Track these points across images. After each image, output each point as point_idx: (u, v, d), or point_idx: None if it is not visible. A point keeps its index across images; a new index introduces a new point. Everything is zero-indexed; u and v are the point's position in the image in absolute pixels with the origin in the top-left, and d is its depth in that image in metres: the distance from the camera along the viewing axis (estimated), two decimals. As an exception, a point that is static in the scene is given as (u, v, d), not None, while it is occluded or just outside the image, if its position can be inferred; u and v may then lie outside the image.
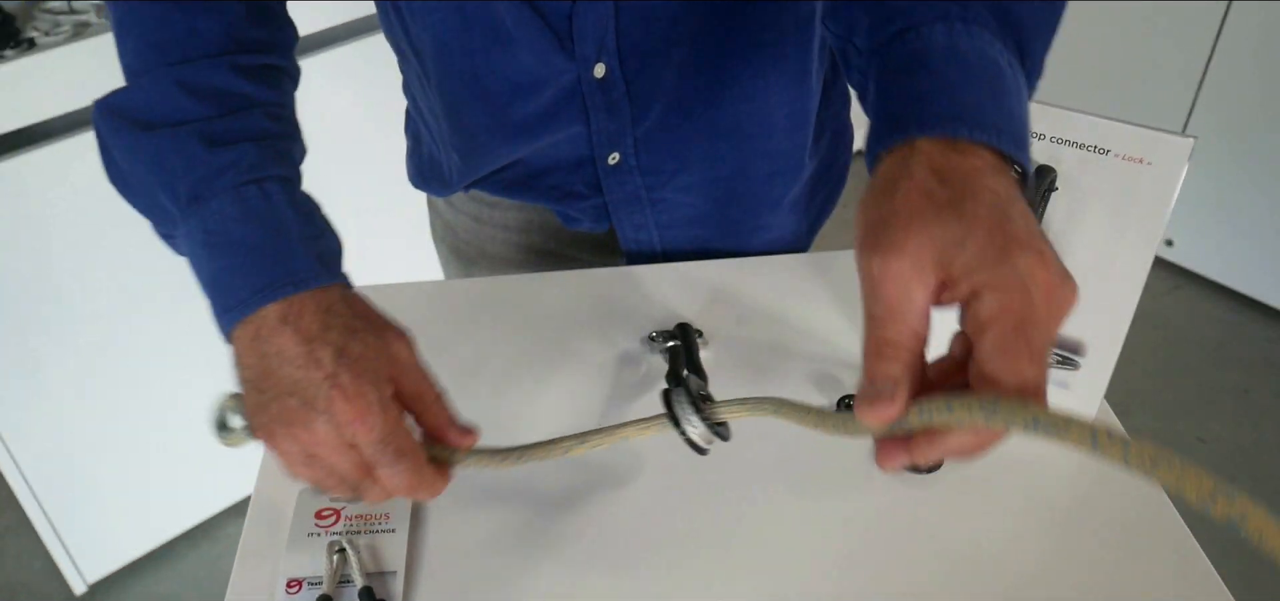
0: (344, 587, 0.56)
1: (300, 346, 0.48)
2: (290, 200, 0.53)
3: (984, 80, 0.45)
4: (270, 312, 0.48)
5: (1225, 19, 1.98)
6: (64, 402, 1.43)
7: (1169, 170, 0.56)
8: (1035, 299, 0.38)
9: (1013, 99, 0.45)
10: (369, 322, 0.50)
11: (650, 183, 0.80)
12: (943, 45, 0.46)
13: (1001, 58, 0.46)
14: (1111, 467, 0.37)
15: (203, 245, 0.52)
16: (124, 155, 0.55)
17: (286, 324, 0.48)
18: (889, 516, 0.61)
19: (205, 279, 0.52)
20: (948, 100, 0.43)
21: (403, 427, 0.49)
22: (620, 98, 0.74)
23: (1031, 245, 0.39)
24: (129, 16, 0.56)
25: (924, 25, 0.46)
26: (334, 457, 0.48)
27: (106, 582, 1.66)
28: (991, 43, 0.46)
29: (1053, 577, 0.57)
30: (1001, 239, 0.38)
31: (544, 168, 0.81)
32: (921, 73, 0.45)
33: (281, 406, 0.48)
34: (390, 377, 0.49)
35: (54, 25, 1.27)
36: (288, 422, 0.47)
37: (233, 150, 0.52)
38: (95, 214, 1.34)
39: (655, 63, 0.73)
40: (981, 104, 0.43)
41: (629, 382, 0.71)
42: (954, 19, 0.46)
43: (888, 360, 0.40)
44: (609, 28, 0.69)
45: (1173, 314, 2.22)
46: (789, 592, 0.56)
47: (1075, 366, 0.63)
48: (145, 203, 0.55)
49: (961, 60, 0.45)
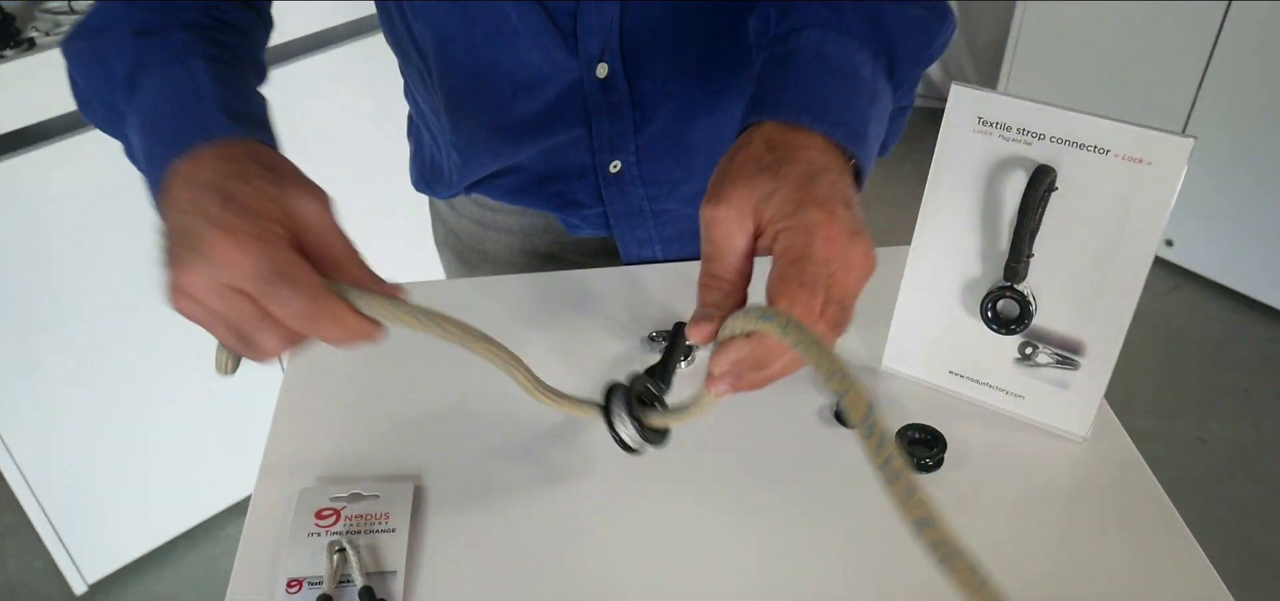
0: (344, 587, 0.56)
1: (190, 193, 0.46)
2: (213, 75, 0.53)
3: (838, 82, 0.53)
4: (179, 168, 0.47)
5: (1225, 19, 1.99)
6: (64, 402, 1.43)
7: (1169, 170, 0.56)
8: (815, 243, 0.45)
9: (862, 101, 0.53)
10: (273, 172, 0.47)
11: (652, 193, 0.80)
12: (813, 49, 0.54)
13: (866, 67, 0.55)
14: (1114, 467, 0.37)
15: (138, 130, 0.52)
16: (81, 73, 0.57)
17: (184, 176, 0.47)
18: (888, 516, 0.61)
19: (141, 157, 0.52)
20: (799, 93, 0.52)
21: (295, 260, 0.44)
22: (622, 100, 0.74)
23: (825, 204, 0.46)
24: None
25: (805, 30, 0.55)
26: (218, 303, 0.44)
27: (106, 582, 1.66)
28: (858, 52, 0.55)
29: (1053, 577, 0.57)
30: (801, 196, 0.46)
31: (547, 175, 0.81)
32: (789, 68, 0.53)
33: (171, 256, 0.45)
34: (288, 229, 0.45)
35: (54, 25, 1.27)
36: (174, 270, 0.44)
37: (161, 36, 0.54)
38: (95, 214, 1.34)
39: (658, 65, 0.73)
40: (829, 101, 0.51)
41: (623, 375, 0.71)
42: (830, 28, 0.55)
43: (712, 290, 0.48)
44: (613, 27, 0.69)
45: (1173, 314, 2.22)
46: (789, 593, 0.56)
47: (1075, 366, 0.63)
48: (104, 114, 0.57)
49: (824, 63, 0.53)
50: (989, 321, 0.65)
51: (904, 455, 0.42)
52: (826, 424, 0.67)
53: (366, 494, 0.61)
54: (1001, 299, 0.64)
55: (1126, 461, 0.64)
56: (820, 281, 0.45)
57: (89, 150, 1.30)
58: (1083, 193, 0.59)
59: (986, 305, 0.64)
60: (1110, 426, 0.66)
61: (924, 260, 0.67)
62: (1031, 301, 0.63)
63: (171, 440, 1.59)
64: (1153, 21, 2.11)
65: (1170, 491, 0.62)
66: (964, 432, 0.66)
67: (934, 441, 0.64)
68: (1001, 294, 0.63)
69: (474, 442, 0.66)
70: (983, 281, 0.65)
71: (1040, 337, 0.64)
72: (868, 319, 0.75)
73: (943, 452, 0.64)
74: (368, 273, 0.48)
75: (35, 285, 1.33)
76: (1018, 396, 0.66)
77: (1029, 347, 0.65)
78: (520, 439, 0.67)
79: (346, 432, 0.67)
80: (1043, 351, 0.64)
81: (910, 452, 0.64)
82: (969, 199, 0.63)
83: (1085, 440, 0.65)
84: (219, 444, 1.66)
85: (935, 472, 0.63)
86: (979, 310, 0.65)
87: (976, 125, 0.61)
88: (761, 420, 0.68)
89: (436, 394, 0.70)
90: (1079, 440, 0.65)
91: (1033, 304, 0.63)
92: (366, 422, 0.68)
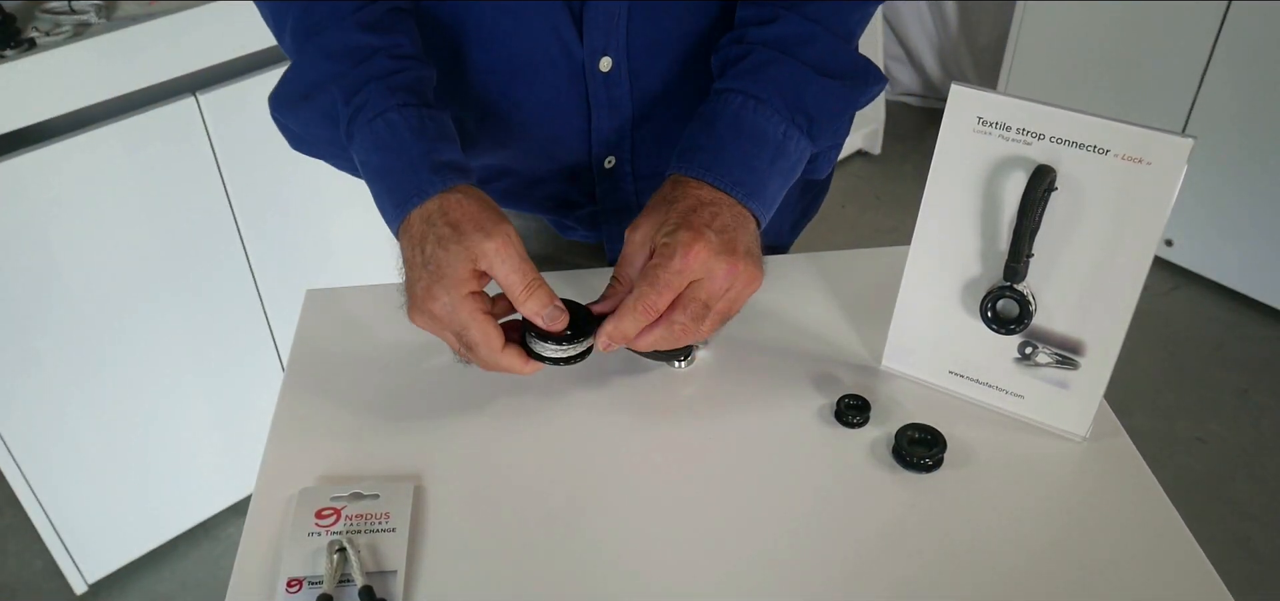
0: (344, 587, 0.56)
1: (409, 252, 0.62)
2: (408, 124, 0.64)
3: (745, 146, 0.66)
4: (407, 221, 0.62)
5: (1225, 19, 1.99)
6: (64, 402, 1.43)
7: (1169, 170, 0.56)
8: (675, 256, 0.60)
9: (764, 161, 0.66)
10: (456, 229, 0.60)
11: (642, 188, 0.81)
12: (732, 113, 0.67)
13: (777, 131, 0.67)
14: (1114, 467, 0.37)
15: (362, 171, 0.66)
16: (301, 126, 0.70)
17: (407, 231, 0.62)
18: (888, 516, 0.61)
19: (372, 197, 0.66)
20: (710, 156, 0.66)
21: (477, 318, 0.60)
22: (623, 96, 0.74)
23: (696, 228, 0.61)
24: (283, 13, 0.69)
25: (731, 93, 0.67)
26: (439, 332, 0.62)
27: (107, 582, 1.66)
28: (771, 118, 0.67)
29: (1052, 577, 0.57)
30: (679, 221, 0.62)
31: (540, 177, 0.81)
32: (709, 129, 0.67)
33: (408, 293, 0.63)
34: (473, 274, 0.60)
35: (54, 25, 1.27)
36: (409, 304, 0.63)
37: (362, 94, 0.65)
38: (95, 214, 1.34)
39: (660, 61, 0.73)
40: (732, 161, 0.65)
41: (626, 379, 0.71)
42: (750, 97, 0.67)
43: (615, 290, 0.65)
44: (621, 21, 0.70)
45: (1173, 314, 2.22)
46: (789, 592, 0.56)
47: (1075, 366, 0.63)
48: (332, 154, 0.71)
49: (737, 128, 0.66)
50: (989, 321, 0.65)
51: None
52: (826, 424, 0.67)
53: (366, 493, 0.61)
54: (1001, 299, 0.64)
55: (1126, 461, 0.64)
56: (671, 284, 0.60)
57: (89, 150, 1.30)
58: (1082, 193, 0.59)
59: (986, 305, 0.64)
60: (1110, 426, 0.66)
61: (924, 260, 0.67)
62: (1031, 301, 0.63)
63: (171, 440, 1.59)
64: (1153, 21, 2.11)
65: (1170, 491, 0.62)
66: (964, 432, 0.66)
67: (934, 441, 0.64)
68: (1001, 294, 0.63)
69: (474, 442, 0.66)
70: (983, 281, 0.65)
71: (1040, 337, 0.64)
72: (868, 319, 0.75)
73: (943, 452, 0.64)
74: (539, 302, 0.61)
75: (36, 285, 1.33)
76: (1017, 396, 0.66)
77: (1029, 347, 0.65)
78: (520, 439, 0.67)
79: (346, 432, 0.67)
80: (1042, 351, 0.64)
81: (910, 452, 0.64)
82: (969, 199, 0.63)
83: (1085, 440, 0.65)
84: (219, 444, 1.66)
85: (935, 472, 0.63)
86: (979, 310, 0.65)
87: (976, 125, 0.61)
88: (761, 420, 0.68)
89: (436, 394, 0.70)
90: (1079, 440, 0.65)
91: (1032, 304, 0.63)
92: (366, 422, 0.68)
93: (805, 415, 0.68)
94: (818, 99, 0.69)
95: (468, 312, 0.60)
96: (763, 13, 0.69)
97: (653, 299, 0.61)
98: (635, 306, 0.61)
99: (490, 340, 0.61)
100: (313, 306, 0.80)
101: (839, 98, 0.70)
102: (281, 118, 0.71)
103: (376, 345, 0.75)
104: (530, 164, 0.80)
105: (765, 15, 0.69)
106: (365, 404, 0.70)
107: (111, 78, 1.29)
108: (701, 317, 0.62)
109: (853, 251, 0.84)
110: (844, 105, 0.71)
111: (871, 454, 0.65)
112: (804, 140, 0.69)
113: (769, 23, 0.69)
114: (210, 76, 1.38)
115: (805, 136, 0.69)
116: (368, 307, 0.79)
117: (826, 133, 0.71)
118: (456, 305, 0.60)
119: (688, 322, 0.62)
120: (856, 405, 0.67)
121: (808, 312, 0.77)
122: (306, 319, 0.79)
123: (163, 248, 1.42)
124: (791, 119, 0.67)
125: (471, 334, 0.61)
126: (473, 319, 0.60)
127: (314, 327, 0.78)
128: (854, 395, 0.68)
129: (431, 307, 0.60)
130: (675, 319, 0.62)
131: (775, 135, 0.67)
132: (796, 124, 0.68)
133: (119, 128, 1.31)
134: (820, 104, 0.69)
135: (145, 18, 1.29)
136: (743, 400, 0.69)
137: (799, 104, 0.68)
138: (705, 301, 0.62)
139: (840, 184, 2.65)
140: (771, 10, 0.69)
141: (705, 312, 0.62)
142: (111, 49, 1.27)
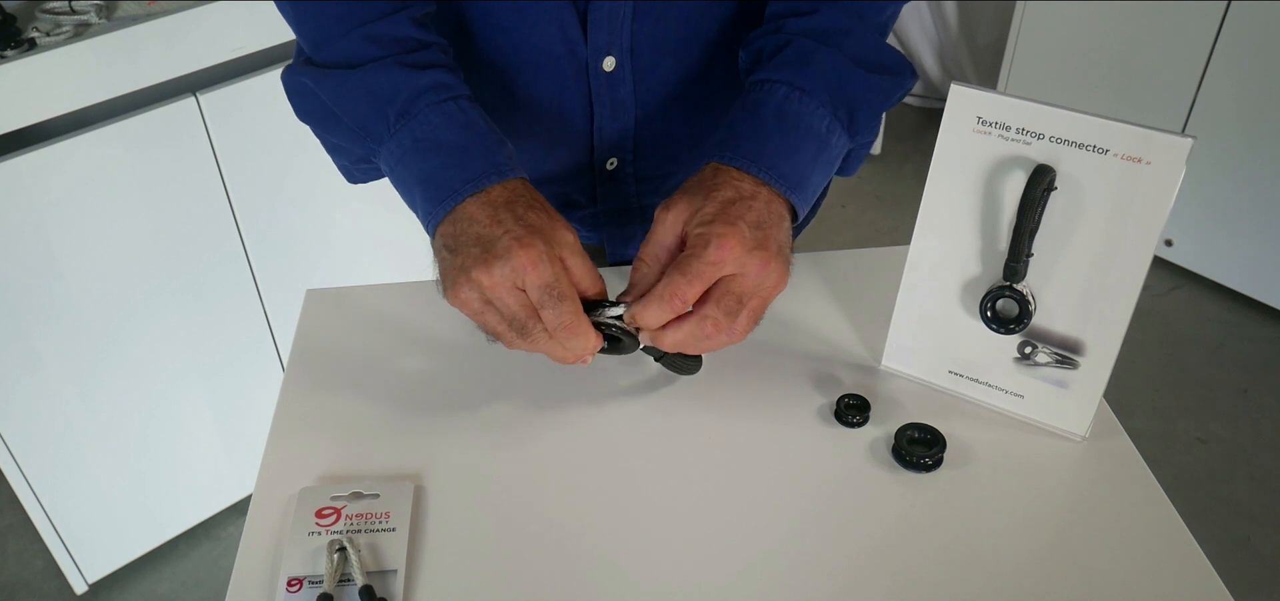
0: (344, 586, 0.56)
1: (487, 212, 0.60)
2: (479, 113, 0.64)
3: (789, 138, 0.64)
4: (474, 199, 0.60)
5: (1225, 19, 1.99)
6: (64, 402, 1.44)
7: (1168, 170, 0.56)
8: (710, 247, 0.58)
9: (807, 155, 0.65)
10: (545, 209, 0.61)
11: (644, 190, 0.81)
12: (777, 104, 0.65)
13: (822, 123, 0.66)
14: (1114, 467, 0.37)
15: (412, 151, 0.63)
16: (332, 93, 0.65)
17: (478, 200, 0.60)
18: (888, 516, 0.61)
19: (416, 177, 0.63)
20: (754, 144, 0.64)
21: (566, 279, 0.59)
22: (627, 97, 0.74)
23: (732, 221, 0.59)
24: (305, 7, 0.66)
25: (775, 84, 0.66)
26: (507, 298, 0.58)
27: (107, 582, 1.66)
28: (816, 110, 0.65)
29: (1052, 577, 0.57)
30: (717, 213, 0.60)
31: (542, 177, 0.81)
32: (754, 119, 0.65)
33: (465, 256, 0.58)
34: (567, 240, 0.59)
35: (55, 25, 1.27)
36: (469, 269, 0.58)
37: (430, 74, 0.64)
38: (95, 214, 1.34)
39: (665, 63, 0.73)
40: (777, 154, 0.64)
41: (626, 379, 0.71)
42: (795, 87, 0.65)
43: (641, 267, 0.62)
44: (624, 22, 0.70)
45: (1173, 314, 2.22)
46: (789, 592, 0.56)
47: (1075, 366, 0.63)
48: (352, 128, 0.66)
49: (781, 118, 0.65)
50: (988, 321, 0.65)
51: None
52: (826, 423, 0.67)
53: (366, 493, 0.61)
54: (1001, 298, 0.64)
55: (1126, 461, 0.64)
56: (702, 276, 0.58)
57: (89, 150, 1.30)
58: (1082, 192, 0.59)
59: (986, 305, 0.64)
60: (1110, 426, 0.66)
61: (924, 260, 0.67)
62: (1031, 301, 0.63)
63: (171, 440, 1.59)
64: (1153, 21, 2.11)
65: (1170, 491, 0.62)
66: (964, 432, 0.66)
67: (934, 441, 0.64)
68: (1001, 293, 0.63)
69: (474, 442, 0.66)
70: (982, 281, 0.65)
71: (1040, 337, 0.64)
72: (868, 319, 0.75)
73: (942, 452, 0.64)
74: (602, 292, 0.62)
75: (36, 285, 1.33)
76: (1017, 396, 0.66)
77: (1028, 347, 0.65)
78: (520, 439, 0.67)
79: (346, 432, 0.67)
80: (1042, 351, 0.64)
81: (910, 452, 0.64)
82: (969, 199, 0.63)
83: (1085, 440, 0.65)
84: (219, 444, 1.66)
85: (935, 472, 0.63)
86: (979, 310, 0.65)
87: (976, 125, 0.61)
88: (761, 420, 0.68)
89: (436, 394, 0.70)
90: (1079, 440, 0.65)
91: (1032, 303, 0.63)
92: (366, 422, 0.68)
93: (805, 415, 0.68)
94: (861, 92, 0.67)
95: (561, 268, 0.58)
96: (801, 5, 0.68)
97: (683, 288, 0.58)
98: (663, 294, 0.59)
99: (577, 306, 0.59)
100: (313, 306, 0.80)
101: (879, 92, 0.69)
102: (313, 83, 0.66)
103: (377, 345, 0.75)
104: (531, 163, 0.80)
105: (804, 7, 0.68)
106: (365, 404, 0.70)
107: (111, 78, 1.29)
108: (735, 313, 0.60)
109: (853, 251, 0.84)
110: (883, 100, 0.70)
111: (871, 454, 0.65)
112: (844, 135, 0.68)
113: (809, 14, 0.68)
114: (210, 76, 1.38)
115: (846, 131, 0.68)
116: (368, 307, 0.79)
117: (865, 127, 0.70)
118: (554, 256, 0.58)
119: (722, 317, 0.60)
120: (856, 405, 0.67)
121: (808, 312, 0.77)
122: (306, 319, 0.79)
123: (163, 248, 1.42)
124: (834, 112, 0.66)
125: (562, 285, 0.58)
126: (565, 272, 0.59)
127: (314, 327, 0.78)
128: (854, 395, 0.68)
129: (519, 258, 0.57)
130: (707, 314, 0.59)
131: (820, 128, 0.66)
132: (839, 118, 0.67)
133: (119, 128, 1.31)
134: (862, 97, 0.68)
135: (145, 18, 1.29)
136: (743, 399, 0.69)
137: (842, 97, 0.67)
138: (739, 296, 0.59)
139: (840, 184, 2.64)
140: (811, 3, 0.68)
141: (739, 308, 0.60)
142: (111, 49, 1.27)
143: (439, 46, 0.66)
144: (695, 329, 0.60)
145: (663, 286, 0.59)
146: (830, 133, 0.66)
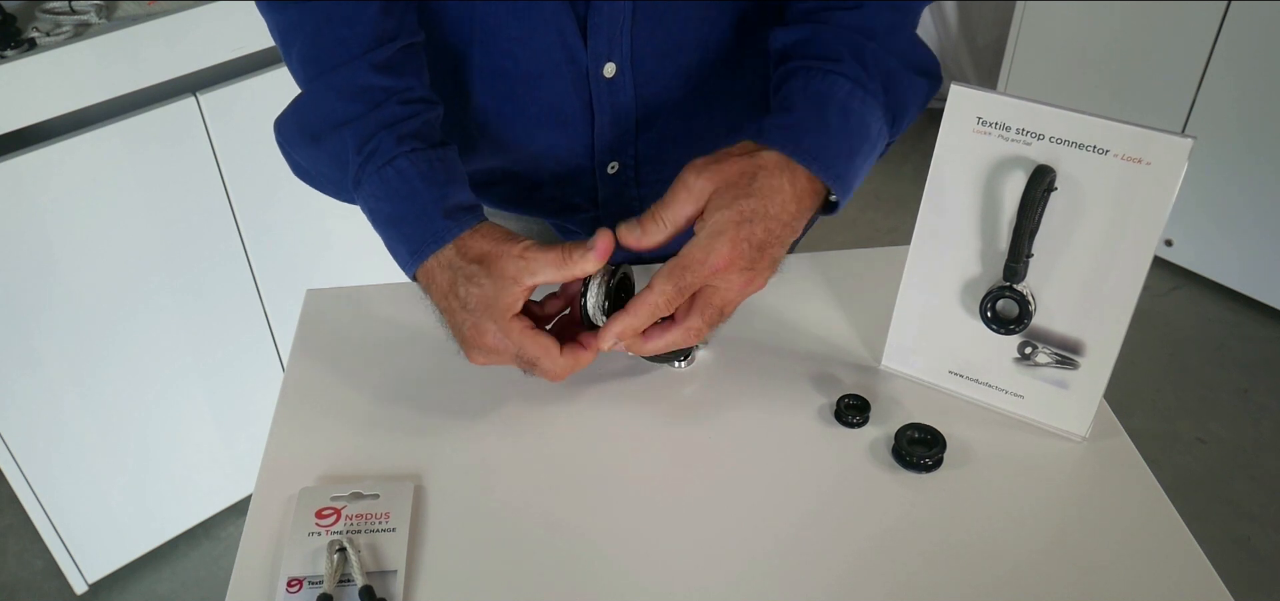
0: (344, 587, 0.56)
1: (438, 296, 0.63)
2: (417, 170, 0.64)
3: (851, 138, 0.63)
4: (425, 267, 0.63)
5: (1225, 19, 1.98)
6: (64, 402, 1.43)
7: (1168, 170, 0.56)
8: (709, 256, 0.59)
9: (862, 156, 0.64)
10: (481, 262, 0.61)
11: (645, 193, 0.81)
12: (841, 99, 0.63)
13: (877, 124, 0.64)
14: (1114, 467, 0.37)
15: (370, 218, 0.66)
16: (305, 161, 0.69)
17: (431, 282, 0.63)
18: (888, 516, 0.61)
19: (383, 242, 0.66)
20: (819, 142, 0.62)
21: (528, 337, 0.61)
22: (627, 102, 0.74)
23: (739, 241, 0.59)
24: (291, 32, 0.67)
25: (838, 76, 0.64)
26: (501, 362, 0.63)
27: (107, 582, 1.66)
28: (874, 110, 0.64)
29: (1052, 577, 0.57)
30: (737, 220, 0.59)
31: (543, 181, 0.81)
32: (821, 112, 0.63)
33: (457, 337, 0.64)
34: (512, 298, 0.61)
35: (55, 25, 1.27)
36: (463, 347, 0.63)
37: (373, 142, 0.64)
38: (95, 213, 1.34)
39: (665, 68, 0.73)
40: (839, 152, 0.62)
41: (626, 379, 0.71)
42: (859, 86, 0.64)
43: (651, 221, 0.62)
44: (624, 28, 0.69)
45: (1173, 314, 2.22)
46: (789, 591, 0.56)
47: (1075, 366, 0.63)
48: (336, 191, 0.69)
49: (845, 115, 0.63)
50: (989, 321, 0.65)
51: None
52: (826, 423, 0.67)
53: (366, 493, 0.61)
54: (1001, 299, 0.64)
55: (1126, 461, 0.64)
56: (693, 287, 0.61)
57: (89, 150, 1.30)
58: (1082, 193, 0.59)
59: (986, 305, 0.64)
60: (1110, 426, 0.66)
61: (924, 260, 0.67)
62: (1031, 301, 0.63)
63: (171, 440, 1.59)
64: (1153, 21, 2.11)
65: (1170, 491, 0.62)
66: (964, 432, 0.66)
67: (934, 441, 0.64)
68: (1001, 294, 0.63)
69: (474, 442, 0.66)
70: (982, 281, 0.65)
71: (1040, 337, 0.64)
72: (868, 319, 0.75)
73: (942, 452, 0.64)
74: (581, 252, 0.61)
75: (36, 285, 1.33)
76: (1017, 396, 0.66)
77: (1028, 347, 0.65)
78: (520, 439, 0.67)
79: (346, 432, 0.67)
80: (1042, 351, 0.64)
81: (910, 452, 0.64)
82: (968, 199, 0.63)
83: (1085, 440, 0.65)
84: (219, 444, 1.66)
85: (935, 472, 0.63)
86: (979, 310, 0.65)
87: (976, 125, 0.61)
88: (761, 420, 0.68)
89: (436, 394, 0.70)
90: (1079, 440, 0.65)
91: (1032, 304, 0.63)
92: (366, 422, 0.68)
93: (805, 415, 0.68)
94: (908, 95, 0.66)
95: (518, 334, 0.61)
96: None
97: (672, 298, 0.61)
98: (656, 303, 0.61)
99: (549, 351, 0.62)
100: (313, 306, 0.80)
101: (920, 93, 0.68)
102: (289, 151, 0.70)
103: (377, 345, 0.75)
104: (533, 168, 0.80)
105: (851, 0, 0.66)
106: (365, 404, 0.70)
107: (111, 78, 1.29)
108: (717, 321, 0.63)
109: (853, 251, 0.84)
110: (922, 102, 0.69)
111: (871, 454, 0.65)
112: (886, 137, 0.67)
113: (855, 8, 0.66)
114: (210, 76, 1.38)
115: (889, 132, 0.67)
116: (368, 307, 0.79)
117: (901, 129, 0.68)
118: (506, 331, 0.61)
119: (705, 326, 0.63)
120: (856, 405, 0.67)
121: (808, 312, 0.77)
122: (306, 319, 0.79)
123: (163, 248, 1.42)
124: (885, 114, 0.65)
125: (529, 351, 0.61)
126: (525, 338, 0.61)
127: (314, 327, 0.78)
128: (854, 395, 0.68)
129: (485, 343, 0.61)
130: (691, 324, 0.62)
131: (874, 129, 0.65)
132: (885, 118, 0.65)
133: (119, 128, 1.31)
134: (907, 98, 0.66)
135: (145, 18, 1.29)
136: (743, 400, 0.69)
137: (891, 96, 0.65)
138: (720, 308, 0.62)
139: (840, 184, 2.63)
140: None
141: (720, 318, 0.63)
142: (111, 49, 1.27)
143: (398, 94, 0.65)
144: (678, 338, 0.63)
145: (655, 295, 0.61)
146: (880, 136, 0.65)
